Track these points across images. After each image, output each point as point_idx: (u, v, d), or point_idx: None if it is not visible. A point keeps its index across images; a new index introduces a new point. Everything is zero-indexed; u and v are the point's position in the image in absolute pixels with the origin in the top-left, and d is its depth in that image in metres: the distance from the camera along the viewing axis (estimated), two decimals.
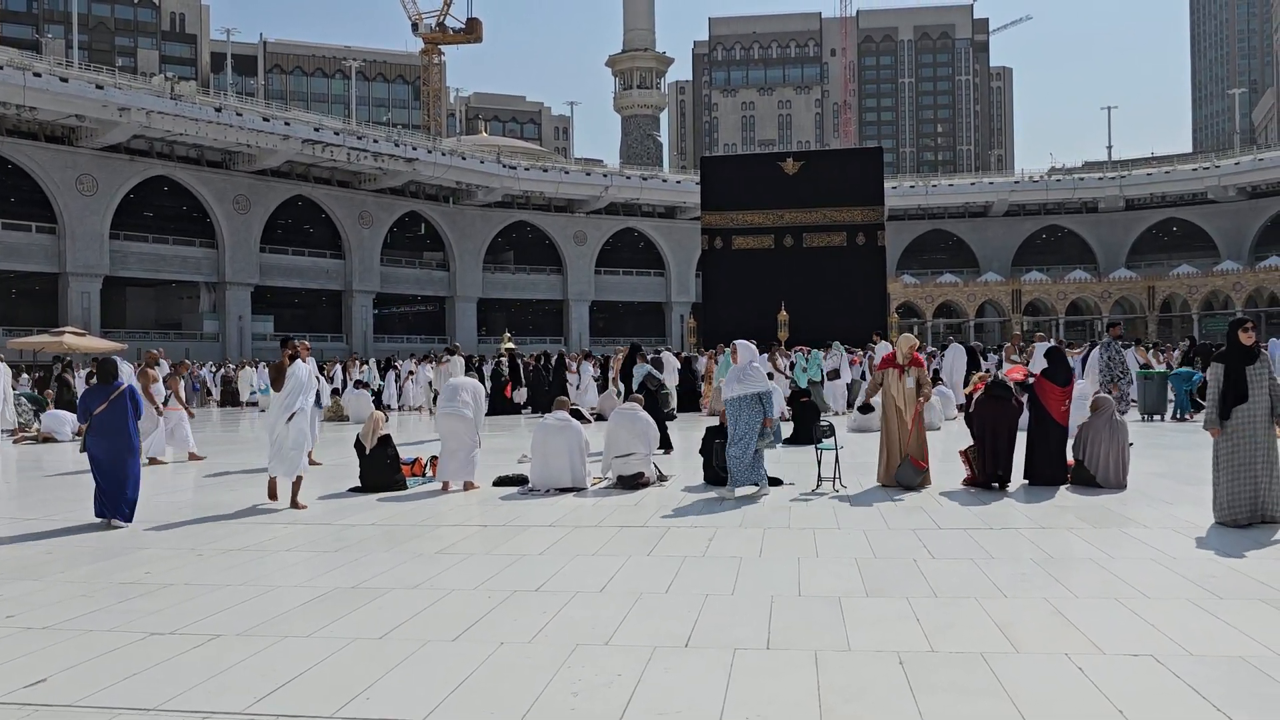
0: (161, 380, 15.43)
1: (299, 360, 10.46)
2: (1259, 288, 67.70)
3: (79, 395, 11.91)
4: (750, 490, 10.36)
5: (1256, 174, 74.42)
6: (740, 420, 10.17)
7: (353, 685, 4.59)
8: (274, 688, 4.57)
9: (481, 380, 25.82)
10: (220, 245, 61.26)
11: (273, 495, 10.23)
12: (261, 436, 16.09)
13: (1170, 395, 20.10)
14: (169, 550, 8.02)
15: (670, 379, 23.36)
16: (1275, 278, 66.69)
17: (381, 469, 11.24)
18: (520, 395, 26.26)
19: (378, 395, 28.37)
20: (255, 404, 32.27)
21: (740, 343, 10.75)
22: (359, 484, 11.30)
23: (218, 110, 57.82)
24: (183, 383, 16.54)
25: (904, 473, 10.48)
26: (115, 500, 9.19)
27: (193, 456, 15.30)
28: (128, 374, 12.42)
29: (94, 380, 10.49)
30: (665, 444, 14.43)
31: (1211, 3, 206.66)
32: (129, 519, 9.21)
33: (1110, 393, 13.40)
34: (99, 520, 9.24)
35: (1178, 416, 19.38)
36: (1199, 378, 19.23)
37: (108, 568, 7.38)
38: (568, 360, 27.72)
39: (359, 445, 11.39)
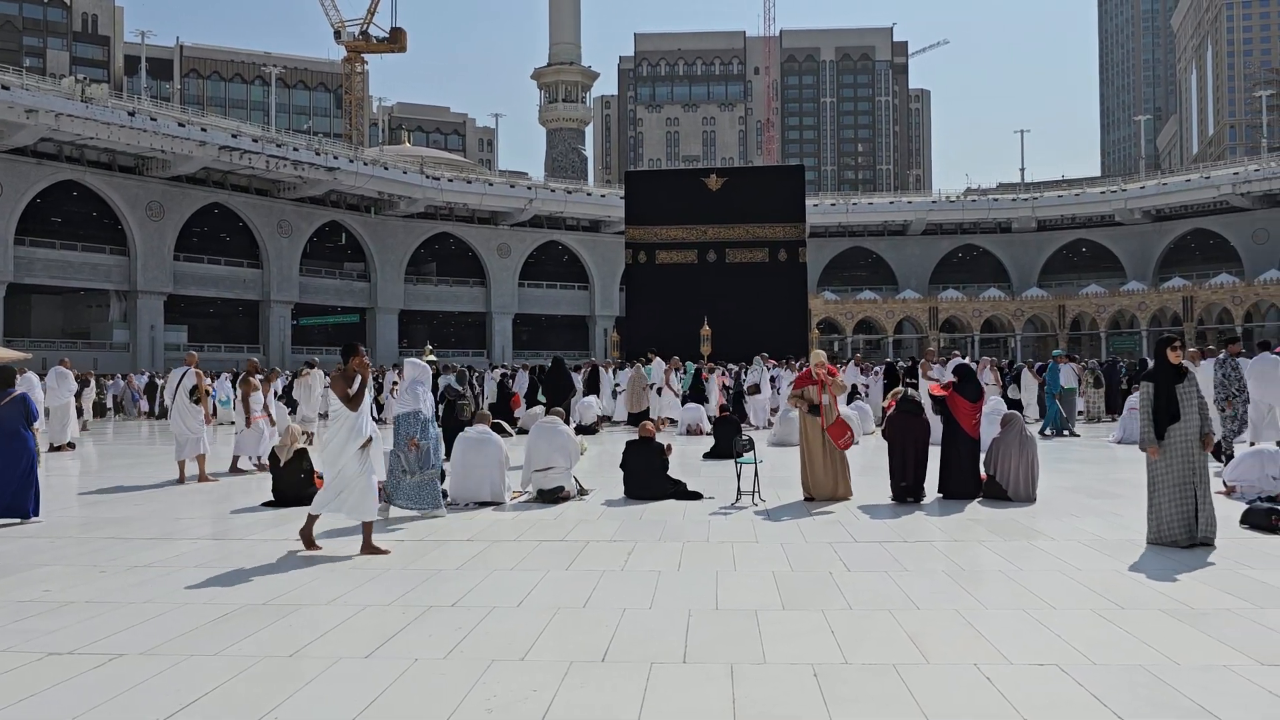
0: (260, 390, 15.12)
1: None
2: (1162, 307, 70.15)
3: None
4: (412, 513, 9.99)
5: (1160, 198, 77.23)
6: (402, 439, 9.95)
7: (261, 704, 4.48)
8: (178, 708, 4.44)
9: (477, 394, 25.43)
10: (132, 253, 59.59)
11: (310, 541, 8.28)
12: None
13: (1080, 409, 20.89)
14: (70, 567, 7.75)
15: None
16: (1177, 298, 69.17)
17: (296, 483, 11.02)
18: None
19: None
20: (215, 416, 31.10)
21: (409, 361, 10.69)
22: (272, 498, 11.07)
23: (131, 114, 56.30)
24: (273, 392, 16.08)
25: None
26: (14, 500, 9.63)
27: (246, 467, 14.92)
28: (25, 388, 12.00)
29: None
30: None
31: (1119, 33, 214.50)
32: (35, 513, 9.83)
33: (1225, 411, 12.90)
34: None
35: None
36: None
37: (3, 585, 7.10)
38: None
39: (274, 458, 11.16)
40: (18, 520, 9.87)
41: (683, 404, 23.01)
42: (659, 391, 23.61)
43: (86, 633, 5.76)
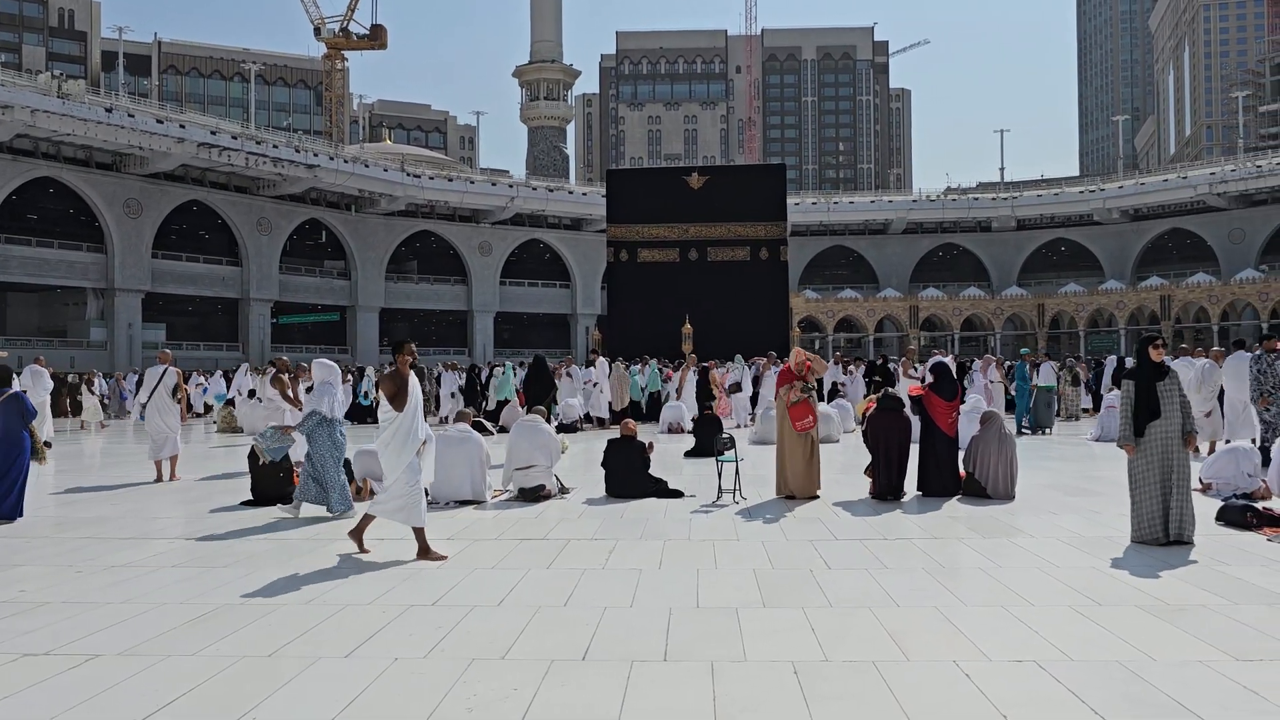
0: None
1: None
2: (1140, 306, 70.66)
3: None
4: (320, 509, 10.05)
5: (1138, 198, 77.77)
6: (313, 437, 9.95)
7: (239, 705, 4.45)
8: (155, 709, 4.41)
9: (483, 392, 25.32)
10: (109, 250, 59.06)
11: (361, 544, 8.07)
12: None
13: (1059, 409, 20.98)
14: (46, 567, 7.69)
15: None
16: (1155, 297, 69.70)
17: (275, 482, 10.96)
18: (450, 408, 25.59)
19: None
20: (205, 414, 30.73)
21: (317, 361, 10.67)
22: (251, 497, 11.00)
23: (108, 110, 55.79)
24: (302, 388, 15.93)
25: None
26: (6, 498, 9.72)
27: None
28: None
29: None
30: None
31: (1098, 34, 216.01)
32: (18, 516, 9.83)
33: (1263, 407, 12.76)
34: None
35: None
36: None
37: None
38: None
39: (253, 457, 11.10)
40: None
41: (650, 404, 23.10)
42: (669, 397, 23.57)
43: (63, 633, 5.71)
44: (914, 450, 10.98)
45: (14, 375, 10.55)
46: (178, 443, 13.65)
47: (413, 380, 7.89)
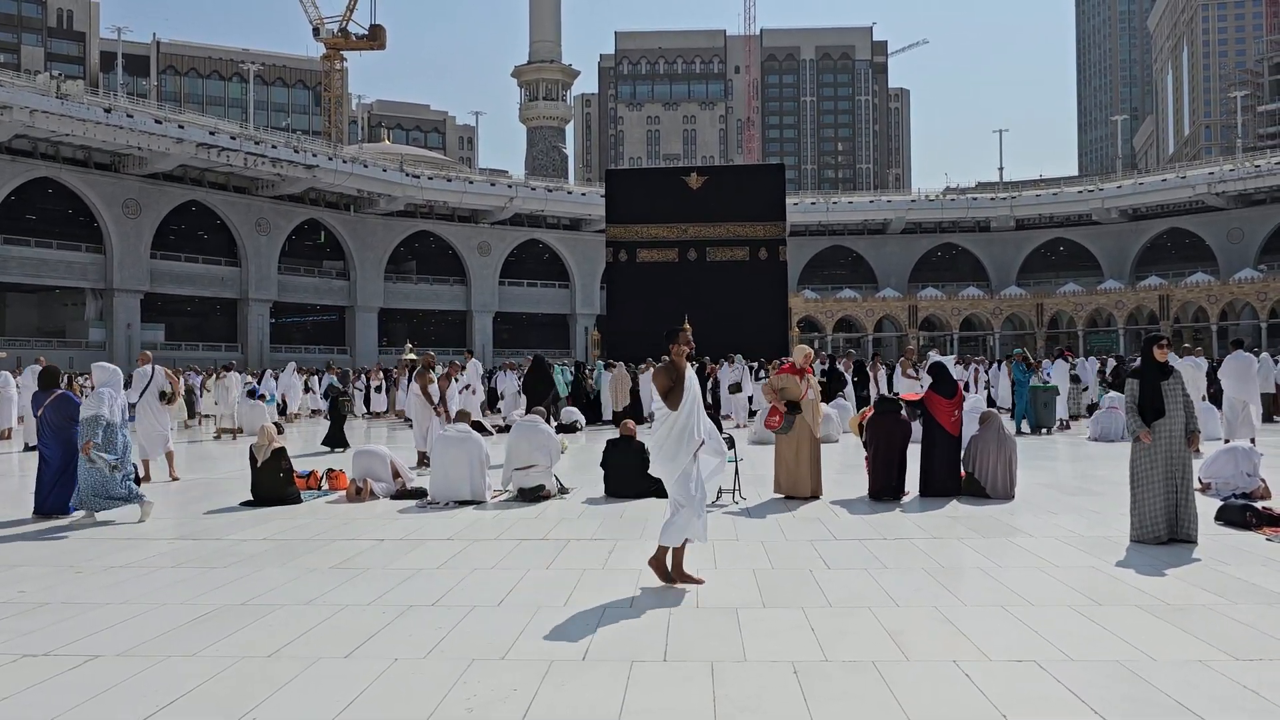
0: (436, 382, 15.03)
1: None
2: (1139, 305, 70.69)
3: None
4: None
5: (1137, 197, 77.80)
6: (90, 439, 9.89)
7: (239, 705, 4.45)
8: (154, 710, 4.41)
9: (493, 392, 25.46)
10: (108, 250, 59.05)
11: (682, 574, 6.78)
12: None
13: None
14: (45, 568, 7.68)
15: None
16: (1154, 296, 69.72)
17: (275, 482, 10.96)
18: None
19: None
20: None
21: (96, 365, 10.65)
22: (251, 497, 11.00)
23: (107, 111, 55.81)
24: (452, 387, 15.91)
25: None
26: (63, 495, 10.12)
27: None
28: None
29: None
30: (342, 444, 17.62)
31: (1096, 33, 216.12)
32: (69, 511, 10.18)
33: None
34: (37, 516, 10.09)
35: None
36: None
37: None
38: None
39: (252, 458, 11.10)
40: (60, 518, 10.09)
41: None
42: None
43: (62, 634, 5.71)
44: (913, 451, 10.97)
45: (60, 377, 10.98)
46: (170, 441, 13.63)
47: (689, 374, 6.72)
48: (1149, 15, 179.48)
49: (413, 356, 29.04)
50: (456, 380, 17.40)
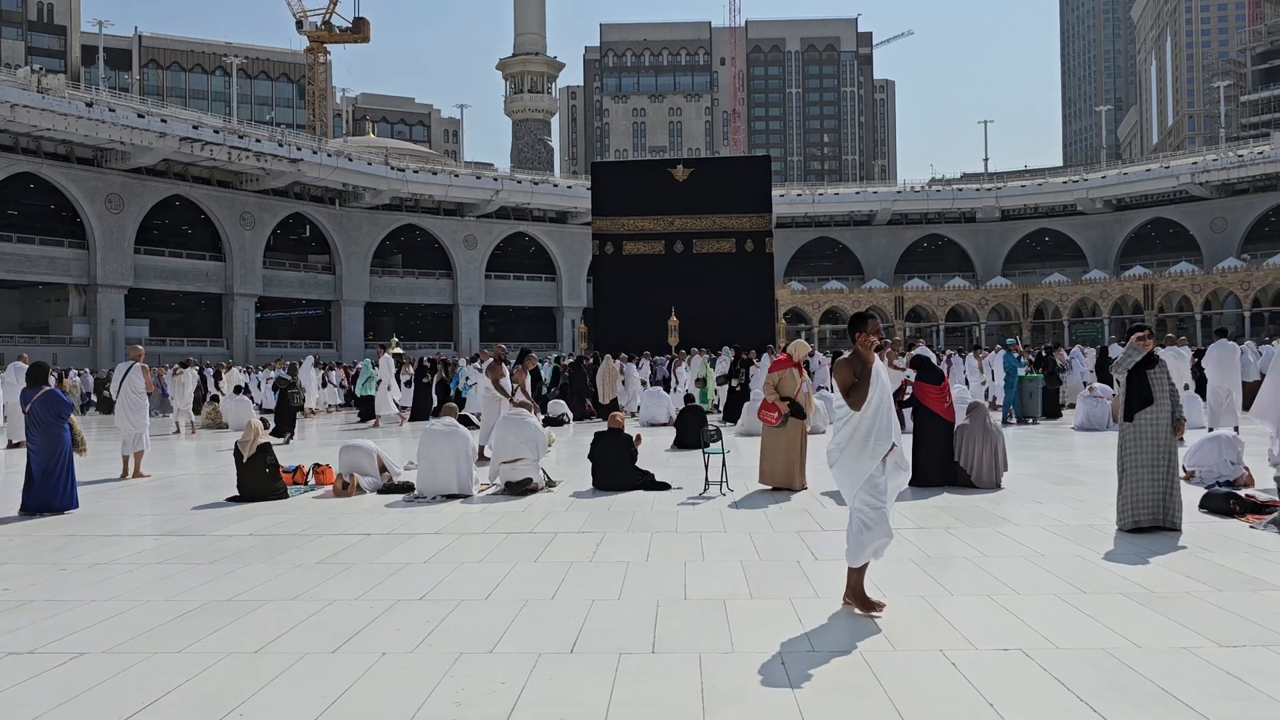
0: (509, 375, 14.90)
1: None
2: (1124, 295, 71.02)
3: None
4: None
5: (1121, 187, 78.17)
6: None
7: (225, 702, 4.43)
8: (140, 707, 4.39)
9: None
10: (91, 246, 58.68)
11: (861, 598, 5.79)
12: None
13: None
14: (29, 565, 7.63)
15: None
16: (1138, 286, 70.05)
17: (260, 477, 10.91)
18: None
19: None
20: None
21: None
22: (237, 493, 10.96)
23: (89, 105, 55.41)
24: (528, 379, 15.78)
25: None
26: (50, 493, 10.07)
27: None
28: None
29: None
30: (288, 432, 18.83)
31: (1080, 24, 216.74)
32: (75, 505, 10.26)
33: None
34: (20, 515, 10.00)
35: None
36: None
37: None
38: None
39: (237, 454, 11.05)
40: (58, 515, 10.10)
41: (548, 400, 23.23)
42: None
43: (47, 631, 5.68)
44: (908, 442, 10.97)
45: (49, 374, 11.05)
46: (145, 439, 13.55)
47: (879, 367, 5.78)
48: (1132, 6, 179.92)
49: (399, 351, 28.97)
50: (530, 373, 17.28)
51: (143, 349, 14.72)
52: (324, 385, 31.13)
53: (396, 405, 23.46)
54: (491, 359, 15.36)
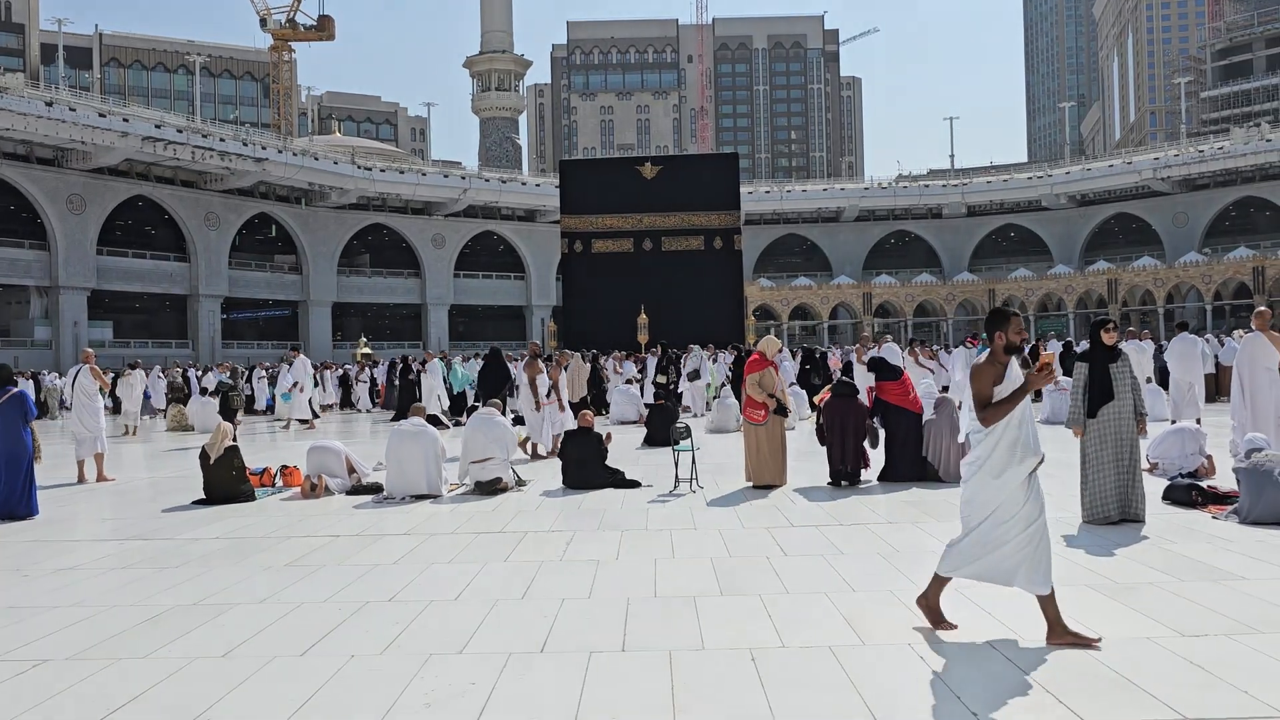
0: (545, 373, 14.83)
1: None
2: (1088, 290, 71.80)
3: None
4: None
5: (1085, 183, 78.98)
6: None
7: (192, 706, 4.39)
8: (106, 713, 4.34)
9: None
10: (52, 247, 57.78)
11: (936, 614, 5.39)
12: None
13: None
14: None
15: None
16: (1102, 281, 70.85)
17: (228, 480, 10.82)
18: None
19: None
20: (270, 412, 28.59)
21: None
22: (204, 496, 10.85)
23: (48, 105, 54.55)
24: (563, 376, 15.60)
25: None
26: (12, 497, 9.90)
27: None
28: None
29: None
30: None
31: (1044, 21, 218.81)
32: (34, 512, 10.06)
33: None
34: None
35: None
36: None
37: None
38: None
39: (204, 456, 10.94)
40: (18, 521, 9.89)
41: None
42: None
43: (9, 638, 5.60)
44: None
45: (14, 375, 10.98)
46: (101, 442, 13.39)
47: (1013, 369, 5.16)
48: (1094, 3, 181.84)
49: (368, 350, 28.76)
50: (566, 370, 17.19)
51: (92, 351, 14.60)
52: (316, 385, 30.90)
53: (313, 409, 23.30)
54: (528, 356, 15.37)
